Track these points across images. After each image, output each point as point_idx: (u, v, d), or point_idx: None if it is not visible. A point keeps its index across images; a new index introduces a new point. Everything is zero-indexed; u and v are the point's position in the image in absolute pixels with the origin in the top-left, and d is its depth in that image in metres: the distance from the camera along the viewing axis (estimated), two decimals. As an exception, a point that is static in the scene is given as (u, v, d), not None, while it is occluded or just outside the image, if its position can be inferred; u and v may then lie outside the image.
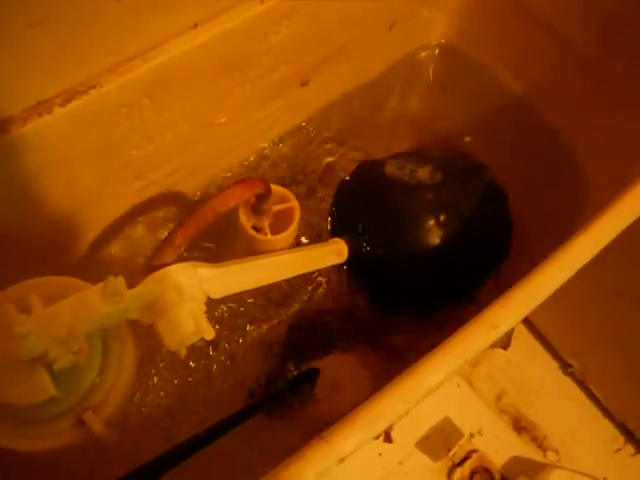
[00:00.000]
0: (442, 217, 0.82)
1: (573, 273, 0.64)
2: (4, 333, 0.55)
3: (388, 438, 0.84)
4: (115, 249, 0.88)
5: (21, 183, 0.72)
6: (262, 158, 0.98)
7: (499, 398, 0.98)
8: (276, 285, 0.71)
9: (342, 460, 0.56)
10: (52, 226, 0.80)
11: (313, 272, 0.78)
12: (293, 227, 0.81)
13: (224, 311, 0.89)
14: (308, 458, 0.54)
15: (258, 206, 0.77)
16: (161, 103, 0.78)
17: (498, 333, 0.62)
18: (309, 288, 0.92)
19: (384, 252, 0.84)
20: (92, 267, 0.87)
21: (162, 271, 0.60)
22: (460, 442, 0.89)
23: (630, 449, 0.95)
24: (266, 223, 0.80)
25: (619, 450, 0.95)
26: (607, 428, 0.95)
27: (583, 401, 0.96)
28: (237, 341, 0.90)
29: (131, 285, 0.59)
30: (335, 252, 0.81)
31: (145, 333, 0.64)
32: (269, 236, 0.80)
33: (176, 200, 0.93)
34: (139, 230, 0.90)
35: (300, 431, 0.86)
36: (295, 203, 0.82)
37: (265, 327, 0.91)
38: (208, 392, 0.87)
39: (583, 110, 0.90)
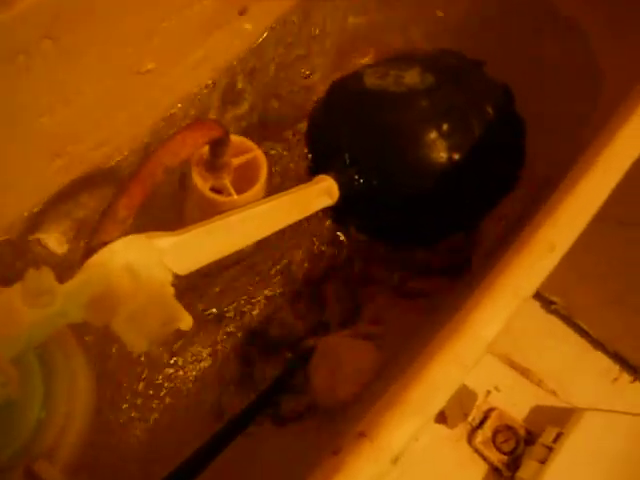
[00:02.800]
0: (444, 126, 0.68)
1: (623, 173, 0.52)
2: None
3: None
4: (40, 249, 0.70)
5: None
6: (205, 107, 0.81)
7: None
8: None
9: (396, 460, 0.41)
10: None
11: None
12: (262, 180, 0.67)
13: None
14: (351, 466, 0.39)
15: (215, 160, 0.64)
16: (69, 46, 0.61)
17: (556, 257, 0.49)
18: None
19: (382, 181, 0.69)
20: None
21: (105, 250, 0.45)
22: (476, 403, 0.83)
23: (627, 377, 0.91)
24: (227, 181, 0.67)
25: (616, 380, 0.91)
26: (600, 359, 0.91)
27: (571, 337, 0.92)
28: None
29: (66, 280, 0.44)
30: (323, 192, 0.66)
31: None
32: (234, 196, 0.66)
33: (112, 179, 0.75)
34: (67, 223, 0.72)
35: (306, 432, 0.72)
36: (258, 152, 0.69)
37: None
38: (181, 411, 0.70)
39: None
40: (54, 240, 0.71)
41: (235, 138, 0.66)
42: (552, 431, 0.78)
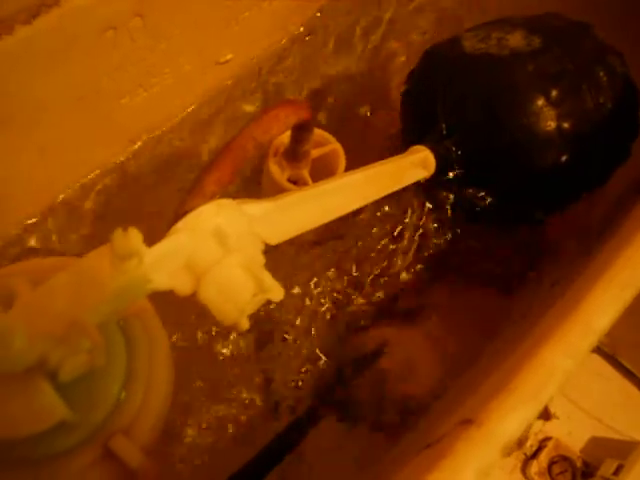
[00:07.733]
0: (553, 92, 0.61)
1: None
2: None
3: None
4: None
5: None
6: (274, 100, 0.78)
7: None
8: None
9: (505, 450, 0.37)
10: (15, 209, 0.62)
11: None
12: (340, 173, 0.65)
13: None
14: (458, 453, 0.36)
15: (296, 147, 0.62)
16: (156, 27, 0.60)
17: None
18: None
19: (482, 152, 0.63)
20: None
21: (194, 213, 0.42)
22: (532, 430, 0.78)
23: (676, 420, 0.87)
24: (305, 171, 0.65)
25: (664, 423, 0.87)
26: (646, 400, 0.88)
27: (616, 377, 0.87)
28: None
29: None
30: (418, 163, 0.61)
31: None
32: (313, 187, 0.64)
33: (187, 169, 0.73)
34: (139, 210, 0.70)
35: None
36: (337, 145, 0.67)
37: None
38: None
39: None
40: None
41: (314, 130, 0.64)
42: (612, 463, 0.73)
